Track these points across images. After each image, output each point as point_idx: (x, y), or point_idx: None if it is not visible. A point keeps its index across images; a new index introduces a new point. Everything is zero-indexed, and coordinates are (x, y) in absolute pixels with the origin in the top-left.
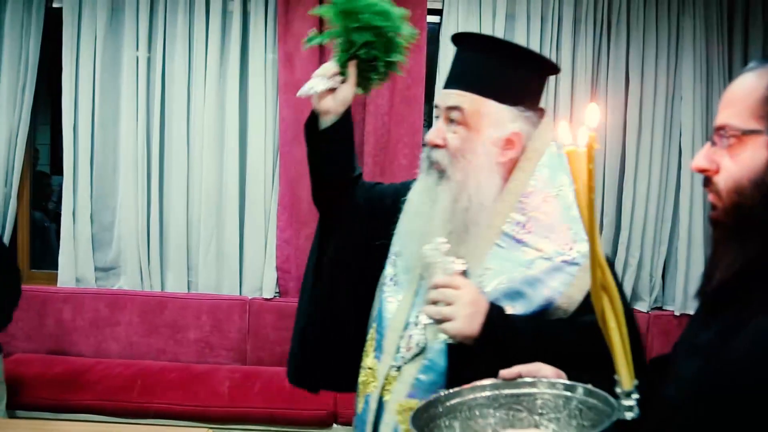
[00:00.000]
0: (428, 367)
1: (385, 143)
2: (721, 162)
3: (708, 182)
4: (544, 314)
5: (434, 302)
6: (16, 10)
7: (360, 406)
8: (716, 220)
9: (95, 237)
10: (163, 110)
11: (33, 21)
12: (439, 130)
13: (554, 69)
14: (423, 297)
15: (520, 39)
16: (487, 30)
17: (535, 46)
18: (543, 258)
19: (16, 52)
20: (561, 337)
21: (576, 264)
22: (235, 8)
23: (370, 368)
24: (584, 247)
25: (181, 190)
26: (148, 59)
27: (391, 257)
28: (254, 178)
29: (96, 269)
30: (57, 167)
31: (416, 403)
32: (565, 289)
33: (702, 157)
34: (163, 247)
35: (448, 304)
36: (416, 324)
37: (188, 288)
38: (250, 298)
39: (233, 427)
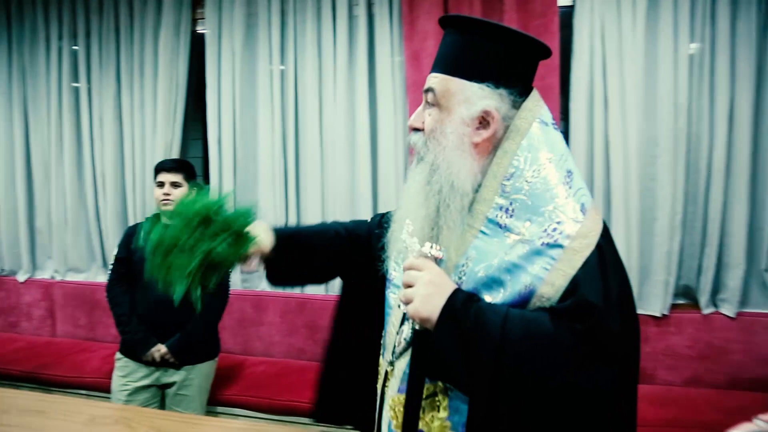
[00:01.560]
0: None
1: None
2: None
3: None
4: (526, 304)
5: (406, 287)
6: (167, 37)
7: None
8: None
9: None
10: (297, 118)
11: (181, 46)
12: (418, 114)
13: (544, 50)
14: None
15: (665, 14)
16: (627, 9)
17: (684, 20)
18: (522, 242)
19: (168, 75)
20: (535, 327)
21: (559, 246)
22: (361, 12)
23: (380, 366)
24: (570, 228)
25: (316, 195)
26: (282, 71)
27: (391, 256)
28: (385, 180)
29: (241, 272)
30: (208, 178)
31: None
32: (546, 275)
33: None
34: None
35: (409, 285)
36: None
37: (326, 290)
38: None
39: None
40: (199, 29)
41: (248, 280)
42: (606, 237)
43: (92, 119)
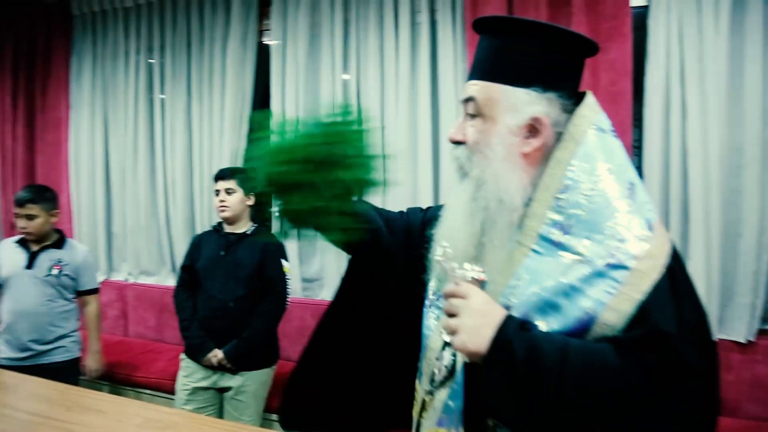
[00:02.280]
0: (456, 392)
1: None
2: None
3: None
4: (585, 333)
5: (449, 315)
6: (234, 48)
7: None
8: None
9: (301, 250)
10: None
11: (248, 56)
12: (459, 126)
13: (590, 46)
14: None
15: (753, 12)
16: (709, 7)
17: None
18: (581, 262)
19: (235, 85)
20: (599, 361)
21: (623, 267)
22: (423, 19)
23: (416, 391)
24: (636, 247)
25: (376, 203)
26: (344, 81)
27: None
28: (448, 188)
29: (302, 280)
30: None
31: None
32: (609, 299)
33: None
34: None
35: (453, 315)
36: (449, 344)
37: None
38: None
39: None
40: (265, 40)
41: (309, 288)
42: (676, 257)
43: (165, 129)
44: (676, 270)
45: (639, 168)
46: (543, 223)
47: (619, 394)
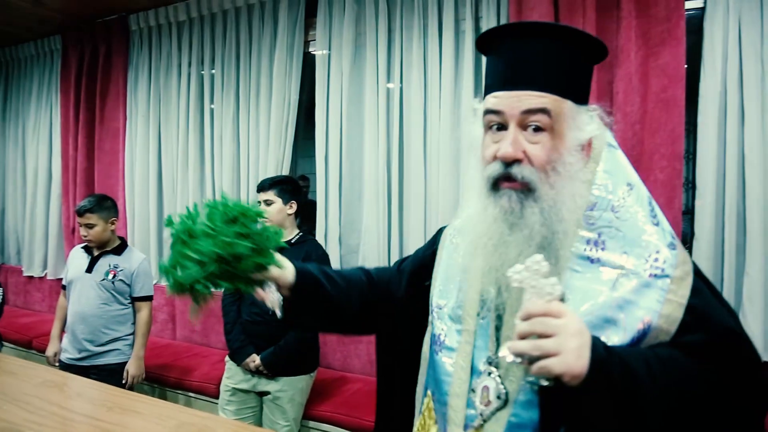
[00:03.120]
0: (517, 422)
1: (637, 156)
2: None
3: None
4: (642, 341)
5: (523, 336)
6: (281, 59)
7: None
8: None
9: (343, 259)
10: (402, 135)
11: (294, 67)
12: (516, 141)
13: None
14: (488, 338)
15: None
16: None
17: None
18: (626, 275)
19: (281, 95)
20: (678, 368)
21: (666, 276)
22: (467, 27)
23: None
24: (668, 255)
25: (419, 213)
26: (388, 89)
27: (434, 313)
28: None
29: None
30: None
31: None
32: (661, 308)
33: None
34: None
35: (548, 336)
36: (489, 373)
37: None
38: None
39: None
40: (311, 50)
41: None
42: (692, 261)
43: (213, 138)
44: (700, 272)
45: (691, 178)
46: (576, 242)
47: (704, 395)
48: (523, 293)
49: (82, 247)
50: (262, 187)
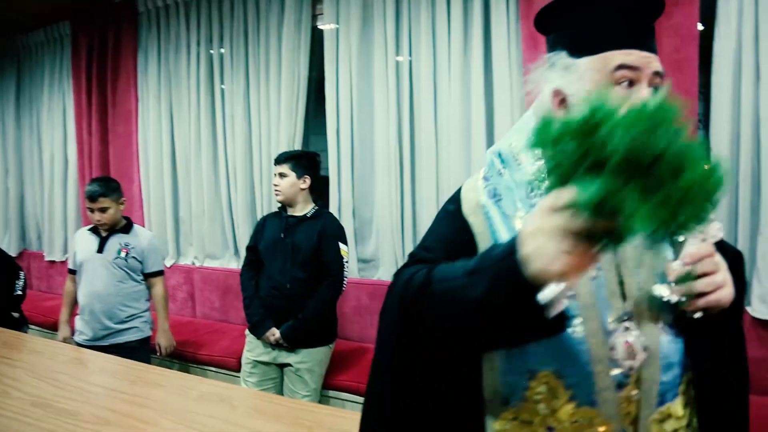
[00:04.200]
0: (667, 362)
1: None
2: None
3: None
4: None
5: (682, 279)
6: (289, 34)
7: None
8: None
9: (357, 231)
10: (412, 108)
11: (302, 42)
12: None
13: None
14: (607, 297)
15: None
16: None
17: None
18: None
19: (291, 71)
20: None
21: None
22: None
23: (574, 421)
24: None
25: (431, 184)
26: (397, 62)
27: None
28: None
29: (358, 261)
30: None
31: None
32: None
33: None
34: (417, 240)
35: (707, 274)
36: (625, 328)
37: None
38: None
39: None
40: (319, 25)
41: (365, 269)
42: None
43: (225, 117)
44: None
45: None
46: None
47: None
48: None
49: (89, 229)
50: (279, 160)
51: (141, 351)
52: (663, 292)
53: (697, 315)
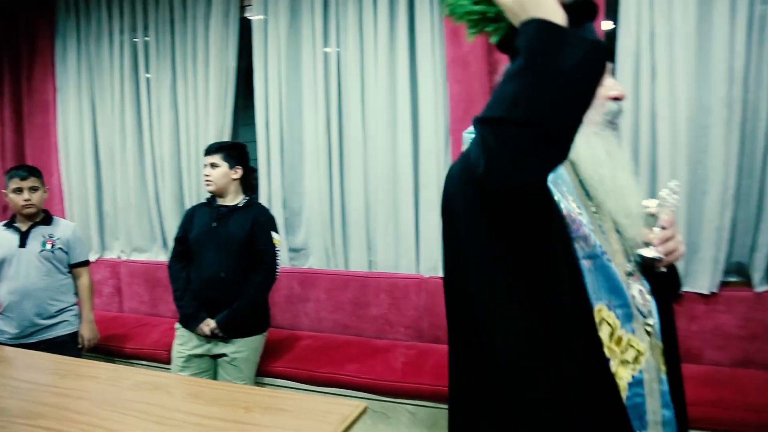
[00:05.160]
0: (657, 304)
1: None
2: None
3: None
4: None
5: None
6: (217, 25)
7: (629, 390)
8: None
9: (287, 222)
10: (340, 100)
11: (230, 33)
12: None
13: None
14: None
15: None
16: None
17: None
18: None
19: (219, 62)
20: None
21: None
22: None
23: (631, 345)
24: None
25: (359, 174)
26: (325, 54)
27: (580, 224)
28: (427, 158)
29: (290, 250)
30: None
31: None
32: None
33: None
34: (345, 229)
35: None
36: (632, 279)
37: (369, 267)
38: (426, 276)
39: (403, 401)
40: (248, 15)
41: (295, 258)
42: None
43: (151, 107)
44: None
45: None
46: None
47: None
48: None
49: (4, 225)
50: (209, 150)
51: (71, 345)
52: (650, 252)
53: (663, 269)
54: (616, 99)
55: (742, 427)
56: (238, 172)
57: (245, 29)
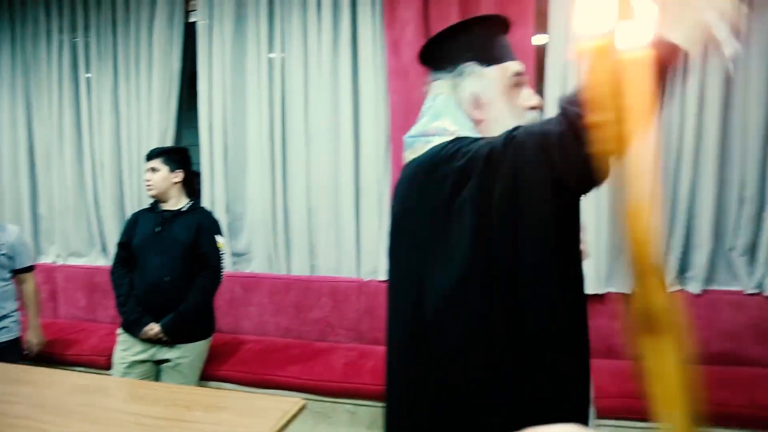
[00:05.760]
0: None
1: None
2: None
3: None
4: None
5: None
6: (161, 28)
7: None
8: None
9: (230, 226)
10: (284, 106)
11: (175, 36)
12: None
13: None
14: None
15: None
16: None
17: None
18: None
19: (163, 65)
20: None
21: None
22: (344, 2)
23: None
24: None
25: (301, 179)
26: (270, 59)
27: None
28: (367, 164)
29: (232, 254)
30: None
31: None
32: None
33: None
34: (288, 234)
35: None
36: None
37: (311, 271)
38: (366, 279)
39: (343, 401)
40: (192, 19)
41: (238, 262)
42: None
43: (91, 109)
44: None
45: None
46: None
47: None
48: None
49: None
50: (150, 155)
51: (10, 352)
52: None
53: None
54: (534, 108)
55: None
56: (179, 176)
57: (191, 33)
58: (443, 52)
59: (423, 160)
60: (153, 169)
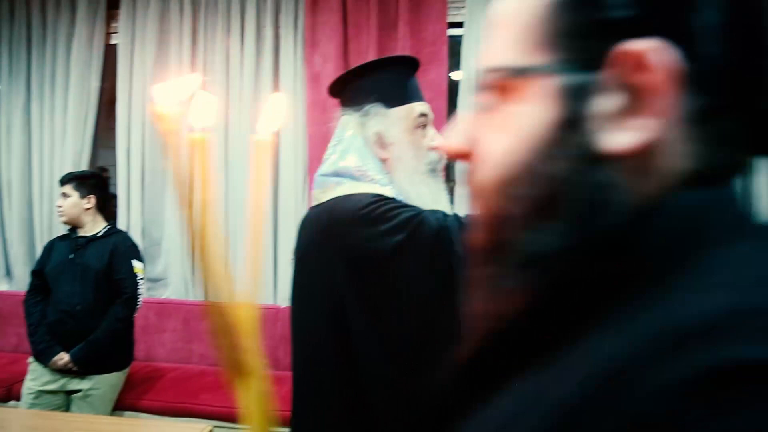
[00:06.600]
0: None
1: None
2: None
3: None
4: None
5: None
6: (80, 49)
7: None
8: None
9: (146, 251)
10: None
11: (94, 58)
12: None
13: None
14: None
15: None
16: None
17: None
18: None
19: (80, 85)
20: None
21: None
22: (268, 33)
23: None
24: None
25: (220, 204)
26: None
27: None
28: (286, 191)
29: (147, 280)
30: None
31: None
32: None
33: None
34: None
35: None
36: None
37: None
38: (283, 306)
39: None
40: (113, 41)
41: (153, 288)
42: None
43: (0, 126)
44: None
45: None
46: None
47: None
48: None
49: None
50: (62, 181)
51: None
52: None
53: None
54: (436, 149)
55: None
56: (91, 201)
57: (110, 53)
58: (352, 91)
59: (331, 222)
60: (64, 195)
